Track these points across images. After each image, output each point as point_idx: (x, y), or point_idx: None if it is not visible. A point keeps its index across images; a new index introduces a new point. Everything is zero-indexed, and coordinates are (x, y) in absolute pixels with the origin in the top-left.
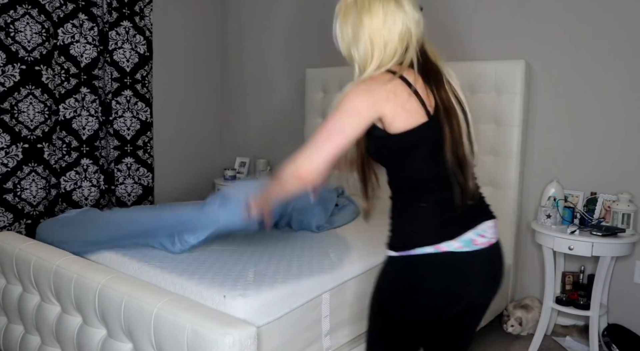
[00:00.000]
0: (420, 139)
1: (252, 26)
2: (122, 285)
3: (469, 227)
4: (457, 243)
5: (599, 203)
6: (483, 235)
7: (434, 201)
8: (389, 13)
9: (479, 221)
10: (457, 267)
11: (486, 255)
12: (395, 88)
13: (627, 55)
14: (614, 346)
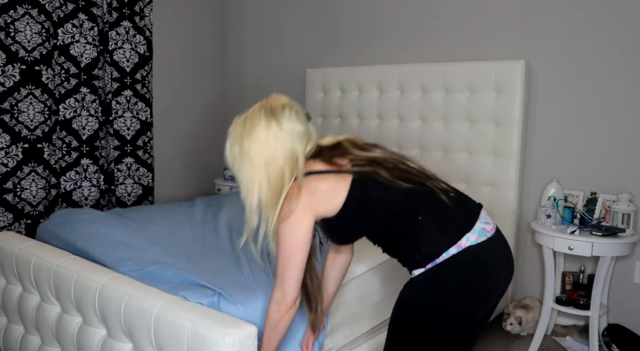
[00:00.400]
0: (362, 197)
1: (252, 26)
2: (122, 285)
3: (474, 218)
4: (474, 235)
5: (599, 203)
6: (488, 222)
7: (426, 211)
8: (270, 136)
9: (476, 211)
10: (483, 259)
11: (498, 240)
12: (308, 188)
13: (627, 55)
14: (613, 346)
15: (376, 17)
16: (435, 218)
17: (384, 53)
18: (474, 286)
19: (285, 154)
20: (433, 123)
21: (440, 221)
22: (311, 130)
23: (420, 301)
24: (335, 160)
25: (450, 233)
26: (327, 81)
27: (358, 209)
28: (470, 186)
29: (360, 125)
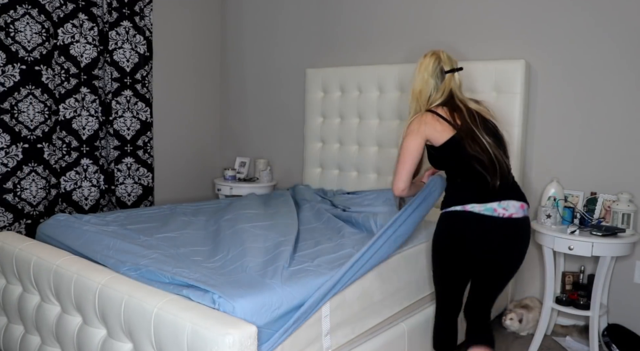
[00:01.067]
0: (450, 146)
1: (252, 26)
2: (122, 285)
3: (495, 199)
4: (480, 207)
5: (599, 203)
6: (504, 209)
7: (465, 179)
8: (422, 72)
9: (505, 198)
10: (474, 220)
11: (503, 223)
12: (426, 119)
13: (627, 55)
14: (614, 346)
15: (376, 17)
16: (465, 187)
17: (384, 53)
18: (448, 236)
19: (421, 88)
20: None
21: (466, 190)
22: (444, 83)
23: (434, 234)
24: (455, 114)
25: (464, 199)
26: (327, 81)
27: (445, 153)
28: None
29: (360, 124)
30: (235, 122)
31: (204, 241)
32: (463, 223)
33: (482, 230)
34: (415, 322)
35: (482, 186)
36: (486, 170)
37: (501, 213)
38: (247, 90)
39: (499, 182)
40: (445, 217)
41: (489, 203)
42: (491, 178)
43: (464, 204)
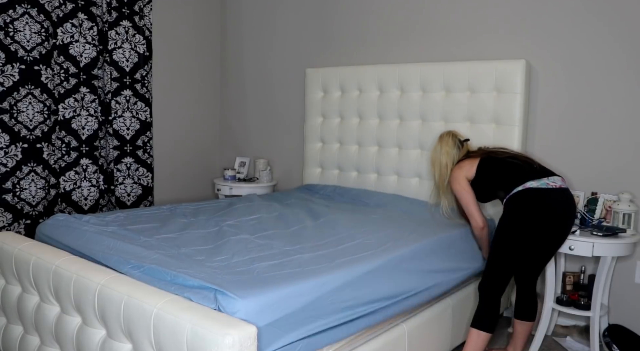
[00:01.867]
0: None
1: (252, 26)
2: (121, 285)
3: (543, 177)
4: (536, 183)
5: (599, 203)
6: (554, 182)
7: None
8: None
9: (549, 175)
10: (537, 195)
11: (555, 193)
12: (459, 165)
13: (628, 55)
14: (614, 347)
15: (376, 17)
16: (513, 174)
17: (384, 53)
18: (526, 211)
19: (444, 161)
20: (433, 123)
21: (516, 176)
22: (463, 148)
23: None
24: (472, 154)
25: (518, 181)
26: (327, 81)
27: (482, 175)
28: None
29: (360, 124)
30: (235, 122)
31: (206, 241)
32: (530, 197)
33: (547, 198)
34: (415, 322)
35: (525, 171)
36: (521, 161)
37: (552, 186)
38: (247, 90)
39: (535, 166)
40: (511, 199)
41: (540, 179)
42: (529, 165)
43: (522, 184)
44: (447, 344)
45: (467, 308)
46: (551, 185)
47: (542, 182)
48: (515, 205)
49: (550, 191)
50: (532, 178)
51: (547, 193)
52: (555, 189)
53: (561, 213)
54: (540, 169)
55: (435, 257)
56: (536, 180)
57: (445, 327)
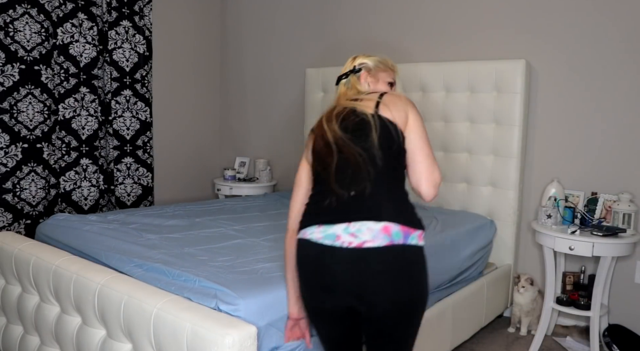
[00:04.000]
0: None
1: (252, 26)
2: (121, 285)
3: (338, 222)
4: (319, 233)
5: (599, 203)
6: (354, 234)
7: (312, 190)
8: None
9: (354, 219)
10: (311, 255)
11: (346, 256)
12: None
13: (628, 55)
14: (614, 347)
15: (376, 17)
16: (310, 200)
17: (383, 53)
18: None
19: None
20: (433, 123)
21: (309, 205)
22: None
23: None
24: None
25: (304, 220)
26: (327, 81)
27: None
28: (471, 186)
29: None
30: (235, 122)
31: (209, 241)
32: (302, 258)
33: (321, 267)
34: None
35: (323, 198)
36: (328, 173)
37: (347, 243)
38: (246, 90)
39: (348, 193)
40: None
41: (333, 225)
42: (336, 185)
43: (304, 228)
44: (447, 344)
45: (467, 308)
46: (343, 241)
47: (331, 234)
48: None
49: (330, 252)
50: (321, 218)
51: (320, 256)
52: (342, 251)
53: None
54: (354, 202)
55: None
56: (323, 226)
57: (446, 327)
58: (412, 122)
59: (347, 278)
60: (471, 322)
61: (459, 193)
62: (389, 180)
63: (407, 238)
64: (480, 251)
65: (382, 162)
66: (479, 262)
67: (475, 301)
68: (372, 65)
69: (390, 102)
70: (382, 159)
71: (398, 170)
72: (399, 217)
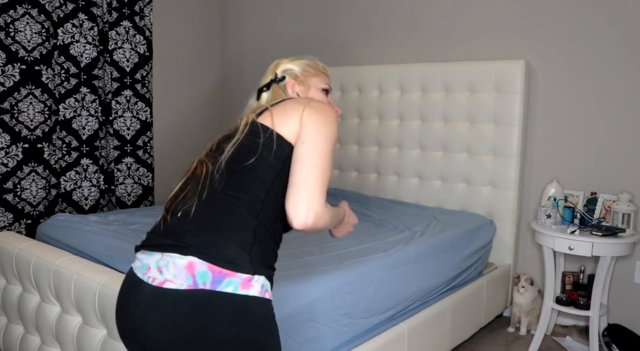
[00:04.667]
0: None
1: (252, 26)
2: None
3: (157, 250)
4: (138, 261)
5: (599, 203)
6: (160, 269)
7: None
8: None
9: (167, 249)
10: (121, 288)
11: (147, 297)
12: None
13: (627, 55)
14: (614, 347)
15: (376, 17)
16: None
17: (384, 53)
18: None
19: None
20: (433, 123)
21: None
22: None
23: None
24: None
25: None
26: None
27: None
28: (470, 186)
29: (360, 125)
30: (235, 122)
31: None
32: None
33: (121, 307)
34: (415, 322)
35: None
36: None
37: (152, 281)
38: (247, 90)
39: (174, 213)
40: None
41: (151, 253)
42: (169, 202)
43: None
44: (447, 344)
45: (467, 308)
46: (150, 276)
47: (144, 264)
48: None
49: (135, 291)
50: (147, 242)
51: (126, 288)
52: (146, 289)
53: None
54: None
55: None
56: (144, 253)
57: (445, 327)
58: (305, 129)
59: (142, 327)
60: (471, 322)
61: (458, 193)
62: (226, 201)
63: (219, 283)
64: (479, 251)
65: (224, 177)
66: (479, 262)
67: (475, 301)
68: (298, 70)
69: (280, 106)
70: (225, 174)
71: (249, 190)
72: (211, 252)
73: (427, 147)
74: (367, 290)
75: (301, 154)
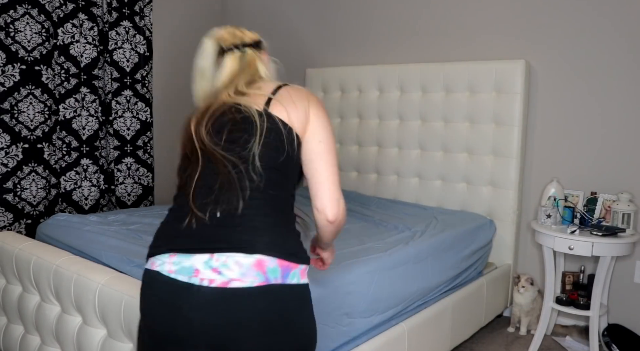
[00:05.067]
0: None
1: (252, 26)
2: (122, 285)
3: (200, 250)
4: (171, 264)
5: (599, 203)
6: (218, 270)
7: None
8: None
9: (219, 250)
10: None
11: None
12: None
13: (628, 55)
14: (614, 347)
15: (376, 16)
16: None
17: (384, 53)
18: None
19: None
20: (433, 123)
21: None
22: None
23: None
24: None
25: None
26: (327, 81)
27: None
28: (471, 186)
29: (360, 125)
30: None
31: None
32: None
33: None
34: (415, 322)
35: (182, 217)
36: (189, 186)
37: (207, 281)
38: None
39: (213, 214)
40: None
41: (190, 255)
42: (196, 202)
43: (153, 255)
44: (447, 344)
45: (467, 308)
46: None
47: (188, 266)
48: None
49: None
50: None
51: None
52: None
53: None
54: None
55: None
56: (177, 256)
57: (445, 327)
58: (315, 126)
59: (206, 329)
60: (471, 322)
61: (458, 193)
62: (270, 200)
63: (287, 276)
64: (479, 251)
65: (263, 176)
66: (479, 262)
67: (475, 301)
68: (265, 44)
69: (287, 97)
70: (263, 173)
71: (284, 187)
72: (278, 249)
73: (427, 147)
74: (367, 290)
75: (320, 152)
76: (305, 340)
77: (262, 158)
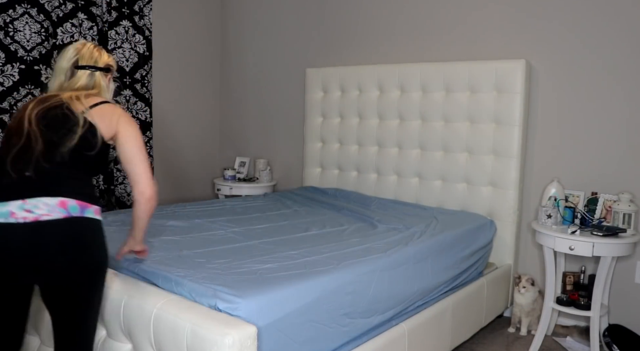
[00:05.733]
0: None
1: (252, 26)
2: (121, 285)
3: (13, 199)
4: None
5: (599, 203)
6: (30, 210)
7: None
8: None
9: (29, 196)
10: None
11: (23, 231)
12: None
13: (628, 55)
14: (614, 347)
15: (376, 16)
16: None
17: (384, 53)
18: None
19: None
20: (433, 123)
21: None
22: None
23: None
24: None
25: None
26: (327, 81)
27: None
28: (471, 186)
29: (360, 124)
30: (235, 122)
31: (207, 244)
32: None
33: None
34: (416, 322)
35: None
36: (8, 154)
37: (23, 218)
38: (247, 90)
39: (23, 174)
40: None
41: (7, 202)
42: (11, 165)
43: None
44: (447, 344)
45: (467, 309)
46: (17, 216)
47: (5, 211)
48: None
49: (9, 230)
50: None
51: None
52: (22, 225)
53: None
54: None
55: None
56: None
57: (445, 327)
58: (125, 134)
59: (24, 254)
60: (471, 322)
61: (458, 193)
62: (71, 167)
63: (84, 212)
64: (480, 251)
65: (67, 154)
66: (479, 262)
67: (475, 301)
68: (115, 67)
69: (101, 114)
70: (68, 152)
71: (84, 164)
72: (76, 194)
73: (427, 147)
74: (367, 290)
75: (130, 149)
76: (97, 257)
77: (75, 148)
